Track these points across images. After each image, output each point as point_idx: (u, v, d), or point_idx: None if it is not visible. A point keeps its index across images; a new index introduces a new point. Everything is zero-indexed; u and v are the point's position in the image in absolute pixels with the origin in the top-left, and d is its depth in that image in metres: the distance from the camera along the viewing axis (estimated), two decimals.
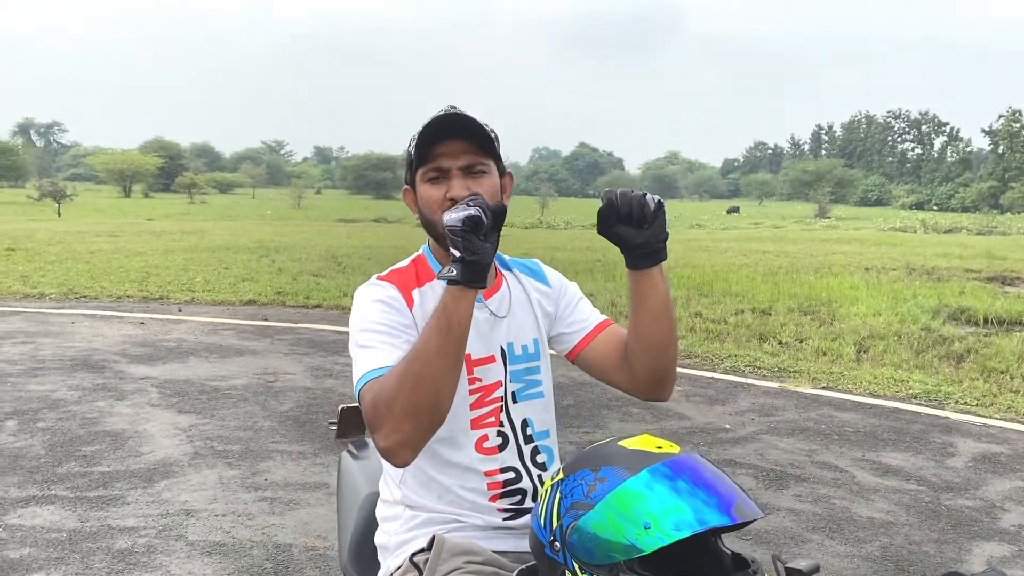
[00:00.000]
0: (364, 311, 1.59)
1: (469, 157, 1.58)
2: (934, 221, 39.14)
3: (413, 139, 1.61)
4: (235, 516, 3.79)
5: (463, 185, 1.56)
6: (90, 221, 27.70)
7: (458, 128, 1.57)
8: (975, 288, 12.08)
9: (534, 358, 1.72)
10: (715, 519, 1.18)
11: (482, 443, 1.63)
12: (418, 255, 1.74)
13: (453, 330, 1.41)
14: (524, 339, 1.71)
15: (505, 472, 1.63)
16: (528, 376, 1.70)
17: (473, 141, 1.58)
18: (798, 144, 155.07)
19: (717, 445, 4.99)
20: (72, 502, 3.87)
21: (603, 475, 1.25)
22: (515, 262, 1.82)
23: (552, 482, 1.34)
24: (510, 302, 1.72)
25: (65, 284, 11.11)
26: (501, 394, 1.66)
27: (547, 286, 1.80)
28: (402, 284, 1.65)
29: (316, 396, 5.90)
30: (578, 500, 1.25)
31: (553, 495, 1.31)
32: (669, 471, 1.22)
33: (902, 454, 4.90)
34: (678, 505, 1.18)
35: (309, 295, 10.62)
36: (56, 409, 5.38)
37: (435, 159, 1.57)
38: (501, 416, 1.66)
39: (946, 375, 6.84)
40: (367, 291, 1.63)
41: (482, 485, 1.62)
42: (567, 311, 1.79)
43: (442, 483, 1.61)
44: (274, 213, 40.28)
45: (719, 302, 10.41)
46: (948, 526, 3.87)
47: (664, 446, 1.30)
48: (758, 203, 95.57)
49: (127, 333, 8.06)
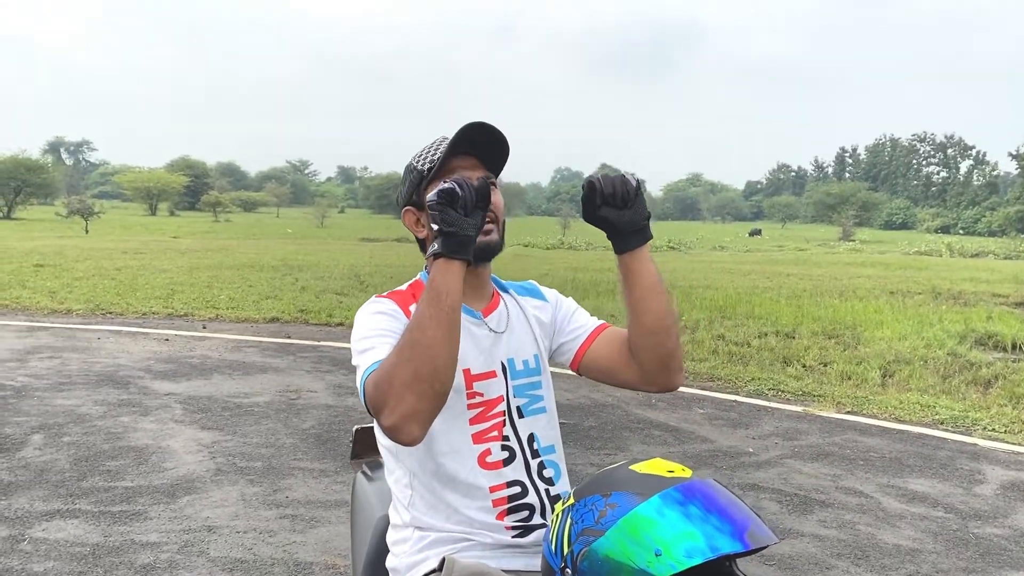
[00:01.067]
0: (363, 324, 1.64)
1: (483, 172, 1.65)
2: (960, 245, 38.75)
3: (423, 156, 1.68)
4: (256, 533, 3.79)
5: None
6: (117, 238, 28.04)
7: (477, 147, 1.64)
8: (1003, 313, 11.92)
9: (535, 373, 1.75)
10: (727, 546, 1.16)
11: (484, 457, 1.63)
12: (415, 280, 1.78)
13: (443, 299, 1.44)
14: (525, 354, 1.74)
15: (511, 487, 1.64)
16: (531, 391, 1.73)
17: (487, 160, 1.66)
18: (822, 167, 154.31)
19: (740, 469, 4.94)
20: (96, 516, 3.90)
21: (614, 500, 1.24)
22: (511, 284, 1.86)
23: (563, 507, 1.33)
24: (508, 319, 1.76)
25: (92, 300, 11.24)
26: (503, 409, 1.68)
27: (543, 300, 1.85)
28: (401, 300, 1.69)
29: (338, 414, 5.92)
30: (589, 526, 1.24)
31: (564, 520, 1.30)
32: (681, 496, 1.21)
33: (929, 480, 4.83)
34: (690, 531, 1.16)
35: (332, 313, 10.67)
36: (81, 424, 5.43)
37: (453, 172, 1.61)
38: (505, 430, 1.67)
39: (973, 401, 6.75)
40: (365, 308, 1.69)
41: (487, 502, 1.62)
42: (564, 321, 1.83)
43: (448, 502, 1.61)
44: (297, 232, 40.57)
45: (742, 324, 10.34)
46: (976, 555, 3.80)
47: (676, 470, 1.28)
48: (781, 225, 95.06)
49: (152, 349, 8.13)
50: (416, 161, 1.69)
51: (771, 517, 4.16)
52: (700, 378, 7.54)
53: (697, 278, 17.47)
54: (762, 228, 69.16)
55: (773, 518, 4.15)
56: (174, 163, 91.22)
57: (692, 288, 14.71)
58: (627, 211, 1.62)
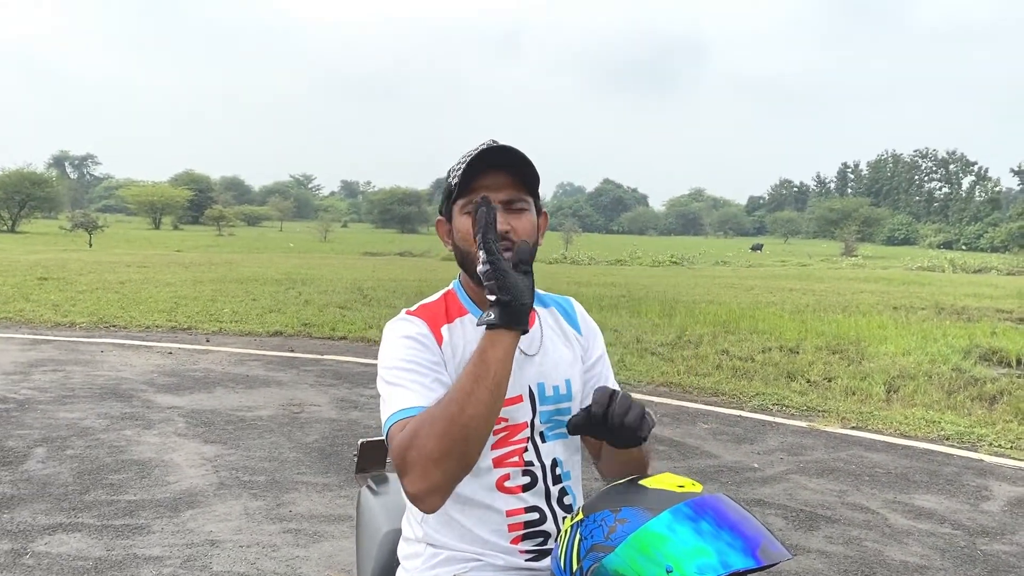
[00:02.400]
0: (393, 347, 1.56)
1: (510, 192, 1.55)
2: (963, 261, 38.68)
3: (454, 169, 1.57)
4: (260, 547, 3.77)
5: (502, 220, 1.52)
6: (120, 252, 28.08)
7: (504, 161, 1.54)
8: (1007, 329, 11.89)
9: (565, 399, 1.67)
10: (739, 562, 1.14)
11: (503, 482, 1.59)
12: (448, 290, 1.70)
13: (489, 376, 1.36)
14: (557, 379, 1.66)
15: (529, 512, 1.59)
16: (558, 416, 1.65)
17: (517, 176, 1.56)
18: (824, 182, 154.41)
19: (745, 484, 4.92)
20: (98, 530, 3.88)
21: (624, 516, 1.22)
22: (551, 298, 1.79)
23: (572, 523, 1.31)
24: (541, 340, 1.68)
25: (95, 313, 11.24)
26: (527, 435, 1.62)
27: (578, 333, 1.76)
28: (431, 320, 1.61)
29: (341, 428, 5.90)
30: (598, 542, 1.22)
31: (573, 536, 1.28)
32: (692, 512, 1.19)
33: (935, 496, 4.80)
34: (701, 547, 1.14)
35: (335, 327, 10.66)
36: (84, 437, 5.42)
37: (476, 191, 1.54)
38: (527, 456, 1.61)
39: (979, 416, 6.72)
40: (396, 327, 1.61)
41: (503, 526, 1.58)
42: (590, 369, 1.75)
43: (462, 523, 1.58)
44: (301, 246, 40.61)
45: (746, 339, 10.32)
46: (984, 572, 3.77)
47: (687, 485, 1.26)
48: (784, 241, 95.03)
49: (155, 363, 8.13)
50: (452, 169, 1.60)
51: (777, 533, 4.12)
52: (704, 393, 7.51)
53: (700, 293, 17.45)
54: (765, 243, 69.25)
55: (779, 534, 4.12)
56: (178, 177, 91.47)
57: (695, 303, 14.68)
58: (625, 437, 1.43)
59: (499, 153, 1.53)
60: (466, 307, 1.65)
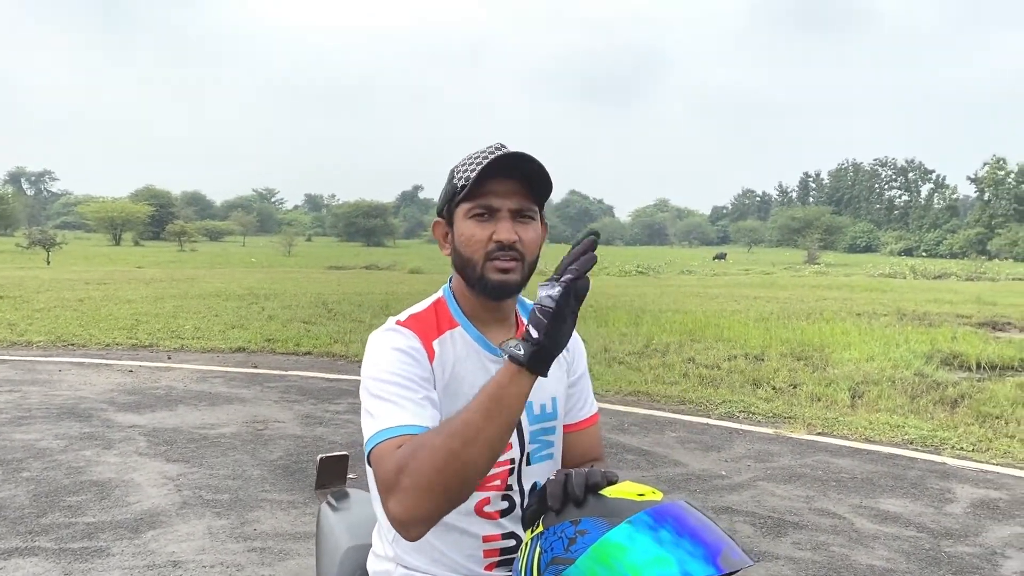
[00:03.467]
0: (382, 359, 1.46)
1: (520, 200, 1.48)
2: (923, 267, 39.43)
3: (461, 170, 1.50)
4: (224, 567, 3.70)
5: (510, 229, 1.46)
6: (79, 269, 27.61)
7: (518, 171, 1.47)
8: (966, 333, 12.10)
9: (551, 417, 1.62)
10: (700, 570, 1.12)
11: (482, 506, 1.53)
12: (438, 298, 1.61)
13: (502, 415, 1.25)
14: (543, 398, 1.60)
15: (506, 539, 1.54)
16: (544, 436, 1.60)
17: (527, 184, 1.48)
18: (786, 191, 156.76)
19: (714, 492, 4.92)
20: (56, 554, 3.78)
21: (584, 527, 1.20)
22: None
23: (532, 535, 1.29)
24: None
25: (53, 332, 11.01)
26: (514, 456, 1.55)
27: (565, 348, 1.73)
28: (423, 332, 1.52)
29: (306, 444, 5.82)
30: (559, 554, 1.20)
31: (533, 549, 1.26)
32: (652, 520, 1.17)
33: (900, 500, 4.84)
34: (661, 556, 1.12)
35: (299, 342, 10.55)
36: (41, 459, 5.29)
37: (485, 196, 1.46)
38: (510, 479, 1.55)
39: (941, 420, 6.81)
40: (385, 337, 1.50)
41: (478, 551, 1.53)
42: (572, 385, 1.70)
43: (436, 546, 1.53)
44: (264, 260, 40.25)
45: (712, 348, 10.38)
46: (949, 573, 3.81)
47: (647, 493, 1.24)
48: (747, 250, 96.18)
49: (115, 381, 7.97)
50: (459, 169, 1.51)
51: (745, 540, 4.14)
52: (671, 401, 7.54)
53: (666, 302, 17.55)
54: (729, 252, 70.00)
55: (747, 541, 4.13)
56: (138, 193, 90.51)
57: (661, 312, 14.76)
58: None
59: (514, 159, 1.45)
60: (456, 319, 1.57)
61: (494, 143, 1.51)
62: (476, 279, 1.49)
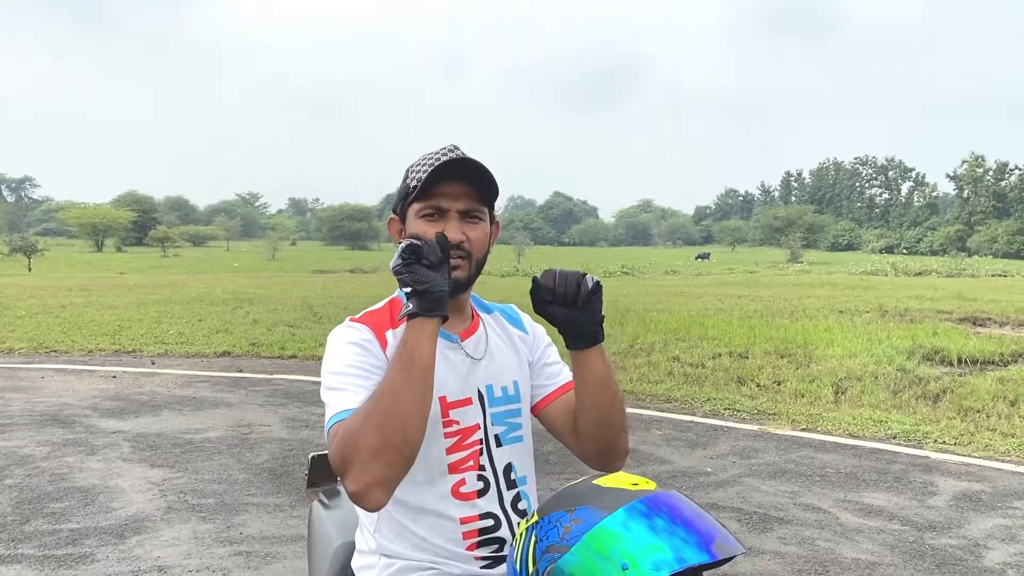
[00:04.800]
0: (336, 353, 1.55)
1: (468, 202, 1.55)
2: (904, 264, 39.73)
3: (413, 171, 1.57)
4: (209, 571, 3.68)
5: (458, 229, 1.54)
6: (61, 275, 27.40)
7: (467, 174, 1.55)
8: (948, 329, 12.20)
9: (514, 400, 1.68)
10: (694, 557, 1.14)
11: (459, 488, 1.57)
12: (393, 297, 1.69)
13: (416, 364, 1.37)
14: (504, 381, 1.67)
15: (484, 519, 1.58)
16: (510, 419, 1.66)
17: (476, 187, 1.56)
18: (768, 191, 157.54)
19: (699, 489, 4.95)
20: (39, 561, 3.75)
21: (578, 516, 1.22)
22: (494, 306, 1.80)
23: (527, 525, 1.30)
24: (487, 344, 1.68)
25: (35, 339, 10.92)
26: (480, 437, 1.61)
27: (524, 332, 1.77)
28: (375, 326, 1.59)
29: (292, 447, 5.80)
30: (554, 543, 1.21)
31: (528, 538, 1.27)
32: (646, 508, 1.19)
33: (884, 494, 4.88)
34: (656, 544, 1.14)
35: (284, 346, 10.51)
36: (24, 465, 5.25)
37: (435, 197, 1.54)
38: (481, 459, 1.60)
39: (924, 415, 6.87)
40: (339, 333, 1.59)
41: (457, 533, 1.56)
42: (540, 362, 1.76)
43: (416, 532, 1.56)
44: (248, 265, 40.07)
45: (696, 346, 10.42)
46: (933, 565, 3.84)
47: (640, 483, 1.26)
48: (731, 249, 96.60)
49: (99, 387, 7.91)
50: (413, 169, 1.59)
51: (728, 528, 4.15)
52: (657, 400, 7.56)
53: (651, 302, 17.61)
54: (712, 252, 70.27)
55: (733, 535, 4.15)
56: (121, 198, 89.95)
57: (646, 311, 14.80)
58: (577, 311, 1.54)
59: (462, 165, 1.53)
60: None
61: (448, 144, 1.58)
62: None
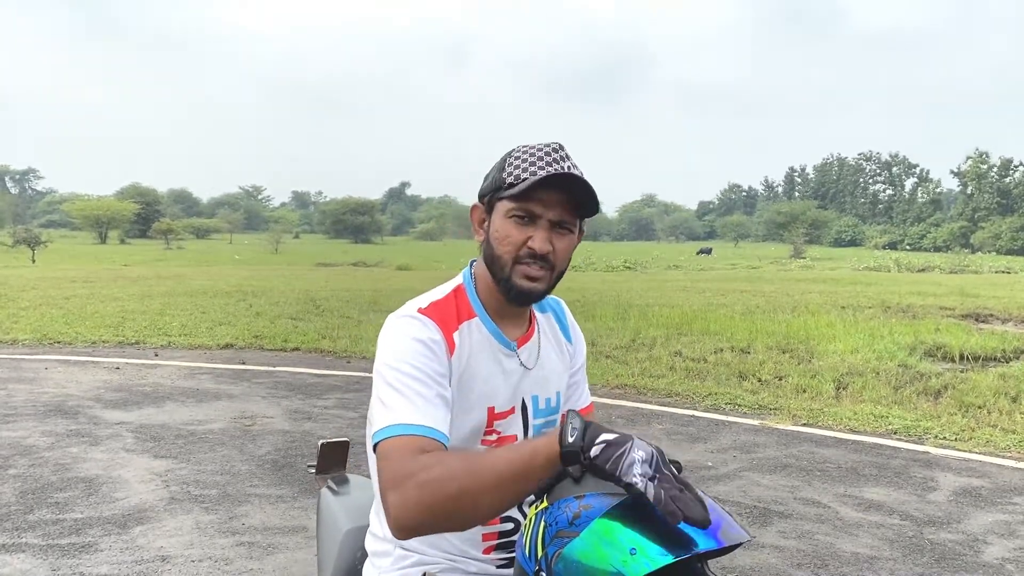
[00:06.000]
0: (400, 347, 1.44)
1: (562, 212, 1.47)
2: (907, 260, 39.70)
3: (513, 163, 1.48)
4: (212, 562, 3.71)
5: (546, 238, 1.46)
6: (65, 267, 27.45)
7: (568, 184, 1.45)
8: (950, 325, 12.21)
9: (555, 411, 1.64)
10: (702, 543, 1.15)
11: None
12: (458, 285, 1.59)
13: (524, 480, 1.24)
14: (549, 392, 1.63)
15: (504, 522, 1.57)
16: (548, 430, 1.59)
17: (573, 199, 1.48)
18: (772, 186, 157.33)
19: (700, 483, 4.96)
20: (43, 550, 3.78)
21: (587, 501, 1.23)
22: (547, 302, 1.73)
23: (536, 511, 1.31)
24: (539, 353, 1.63)
25: (39, 330, 10.95)
26: None
27: (568, 342, 1.72)
28: (444, 323, 1.50)
29: (295, 439, 5.82)
30: (563, 528, 1.22)
31: (537, 524, 1.28)
32: None
33: (884, 489, 4.90)
34: (664, 530, 1.16)
35: (287, 338, 10.53)
36: (28, 456, 5.27)
37: (530, 201, 1.45)
38: None
39: (925, 410, 6.88)
40: (406, 324, 1.48)
41: (477, 535, 1.55)
42: (571, 377, 1.72)
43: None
44: (252, 258, 40.10)
45: (698, 341, 10.43)
46: (932, 560, 3.86)
47: None
48: (734, 244, 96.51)
49: (102, 378, 7.94)
50: (510, 161, 1.49)
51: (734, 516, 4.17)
52: (658, 394, 7.58)
53: (654, 296, 17.61)
54: (715, 247, 70.19)
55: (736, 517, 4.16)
56: (124, 191, 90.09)
57: (649, 306, 14.81)
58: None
59: (567, 180, 1.45)
60: (475, 309, 1.56)
61: (553, 142, 1.50)
62: (502, 279, 1.48)
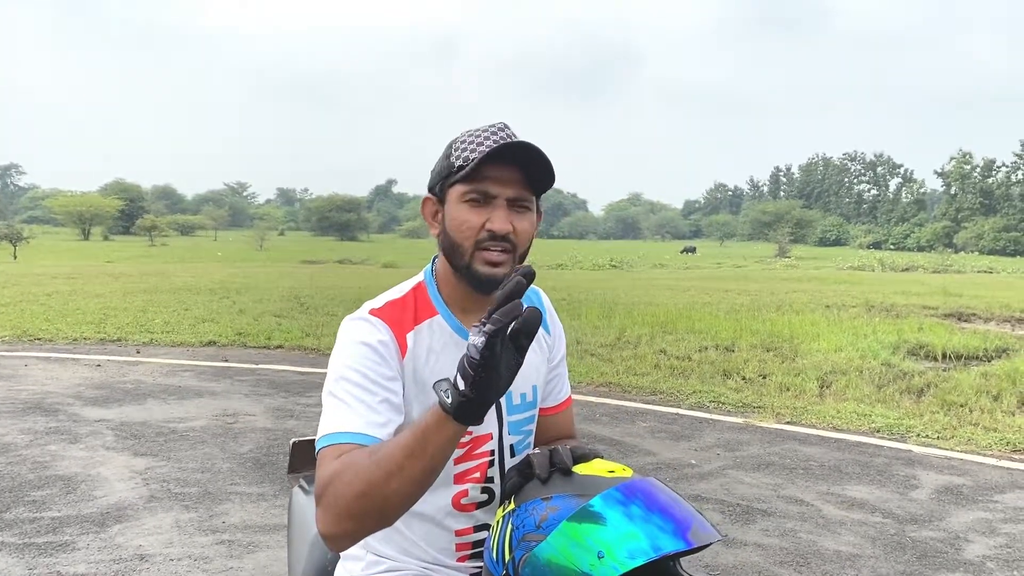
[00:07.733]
0: (346, 352, 1.40)
1: (518, 189, 1.40)
2: (891, 260, 39.94)
3: (460, 147, 1.42)
4: (191, 560, 3.67)
5: (505, 217, 1.39)
6: (47, 264, 27.21)
7: (520, 158, 1.38)
8: (933, 324, 12.27)
9: (531, 407, 1.58)
10: (670, 545, 1.13)
11: (460, 499, 1.49)
12: (419, 283, 1.53)
13: (425, 457, 1.18)
14: (524, 387, 1.56)
15: (478, 531, 1.52)
16: (526, 426, 1.57)
17: (528, 173, 1.40)
18: (757, 186, 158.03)
19: (683, 480, 4.96)
20: (20, 549, 3.73)
21: (555, 503, 1.21)
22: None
23: (503, 513, 1.29)
24: None
25: (19, 326, 10.83)
26: (492, 448, 1.51)
27: (547, 333, 1.66)
28: (396, 324, 1.44)
29: (277, 437, 5.78)
30: (530, 531, 1.20)
31: (504, 527, 1.26)
32: (622, 496, 1.17)
33: (866, 487, 4.91)
34: (632, 532, 1.13)
35: (271, 336, 10.46)
36: (5, 453, 5.21)
37: (483, 181, 1.38)
38: (490, 471, 1.51)
39: (907, 409, 6.91)
40: (355, 328, 1.44)
41: (451, 544, 1.51)
42: (553, 370, 1.67)
43: (408, 536, 1.50)
44: (236, 255, 39.88)
45: (683, 339, 10.45)
46: (913, 558, 3.87)
47: (617, 470, 1.25)
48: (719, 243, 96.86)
49: (83, 375, 7.87)
50: (456, 146, 1.42)
51: (705, 515, 4.17)
52: (642, 392, 7.58)
53: (639, 295, 17.63)
54: (700, 246, 70.41)
55: (707, 516, 4.16)
56: (108, 187, 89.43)
57: (634, 304, 14.83)
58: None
59: (519, 149, 1.37)
60: (436, 307, 1.50)
61: (498, 122, 1.43)
62: (463, 267, 1.42)
